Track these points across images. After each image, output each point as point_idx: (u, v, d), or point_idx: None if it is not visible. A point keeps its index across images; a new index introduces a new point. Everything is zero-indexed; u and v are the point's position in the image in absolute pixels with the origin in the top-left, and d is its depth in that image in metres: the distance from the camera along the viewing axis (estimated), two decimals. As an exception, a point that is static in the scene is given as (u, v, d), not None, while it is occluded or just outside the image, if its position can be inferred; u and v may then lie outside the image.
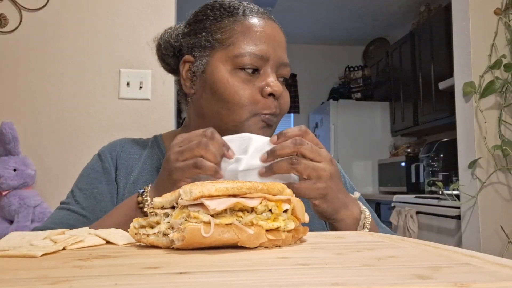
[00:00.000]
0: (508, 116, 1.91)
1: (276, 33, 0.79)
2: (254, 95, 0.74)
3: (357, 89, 4.39)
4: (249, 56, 0.74)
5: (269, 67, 0.76)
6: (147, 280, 0.28)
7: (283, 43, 0.80)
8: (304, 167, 0.61)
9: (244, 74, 0.75)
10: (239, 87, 0.74)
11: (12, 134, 1.49)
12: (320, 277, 0.28)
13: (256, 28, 0.76)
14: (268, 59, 0.75)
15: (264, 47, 0.75)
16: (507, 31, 1.93)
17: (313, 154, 0.62)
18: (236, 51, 0.75)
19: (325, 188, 0.62)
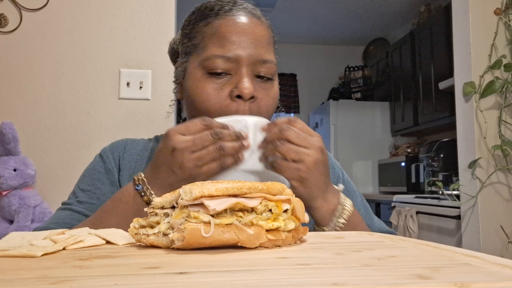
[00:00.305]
0: (508, 116, 1.91)
1: (249, 30, 0.74)
2: (223, 100, 0.72)
3: (357, 89, 4.40)
4: (217, 59, 0.72)
5: (241, 67, 0.72)
6: (147, 280, 0.28)
7: (259, 39, 0.75)
8: (287, 150, 0.62)
9: (216, 78, 0.72)
10: (209, 93, 0.72)
11: (12, 134, 1.49)
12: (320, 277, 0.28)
13: (225, 28, 0.73)
14: (238, 59, 0.72)
15: (233, 48, 0.72)
16: (507, 31, 1.93)
17: (299, 139, 0.63)
18: (205, 55, 0.73)
19: (306, 172, 0.63)
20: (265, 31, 0.77)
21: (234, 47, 0.72)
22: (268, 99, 0.75)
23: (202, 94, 0.72)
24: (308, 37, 4.67)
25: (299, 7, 3.97)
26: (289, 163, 0.63)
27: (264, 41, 0.76)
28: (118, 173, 0.82)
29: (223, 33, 0.73)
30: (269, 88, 0.76)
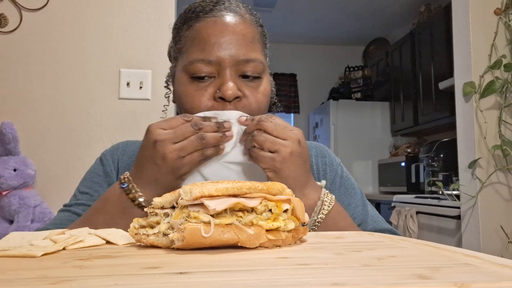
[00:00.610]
0: (508, 116, 1.91)
1: (230, 29, 0.73)
2: (207, 102, 0.71)
3: (357, 89, 4.40)
4: (198, 64, 0.72)
5: (224, 69, 0.71)
6: (147, 280, 0.28)
7: (241, 38, 0.73)
8: (263, 139, 0.63)
9: (199, 82, 0.72)
10: (194, 97, 0.72)
11: (12, 134, 1.49)
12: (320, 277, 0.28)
13: (205, 31, 0.73)
14: (219, 62, 0.71)
15: (213, 51, 0.71)
16: (507, 31, 1.93)
17: (276, 131, 0.64)
18: (187, 60, 0.73)
19: (281, 162, 0.63)
20: (249, 28, 0.75)
21: (214, 50, 0.71)
22: (257, 96, 0.74)
23: (187, 98, 0.73)
24: (308, 37, 4.67)
25: (299, 7, 3.97)
26: (265, 153, 0.63)
27: (247, 39, 0.74)
28: (117, 175, 0.82)
29: (203, 36, 0.72)
30: (256, 86, 0.74)
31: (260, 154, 0.64)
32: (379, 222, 0.83)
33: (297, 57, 4.82)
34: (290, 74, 4.78)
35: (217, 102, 0.71)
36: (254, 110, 0.73)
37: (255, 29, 0.76)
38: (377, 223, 0.82)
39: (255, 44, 0.75)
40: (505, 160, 1.86)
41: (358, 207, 0.82)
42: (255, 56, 0.74)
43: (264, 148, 0.63)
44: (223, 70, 0.71)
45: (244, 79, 0.73)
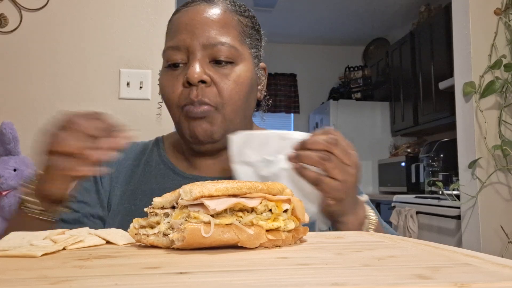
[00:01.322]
0: (508, 116, 1.91)
1: (199, 16, 0.73)
2: (178, 89, 0.72)
3: (357, 89, 4.40)
4: (168, 51, 0.73)
5: (191, 54, 0.71)
6: (147, 280, 0.28)
7: (210, 23, 0.72)
8: (334, 166, 0.59)
9: (173, 70, 0.73)
10: (167, 85, 0.73)
11: (12, 134, 1.49)
12: (320, 277, 0.28)
13: (175, 21, 0.75)
14: (186, 46, 0.71)
15: (181, 37, 0.72)
16: (507, 31, 1.93)
17: (345, 156, 0.60)
18: (163, 50, 0.75)
19: (346, 193, 0.61)
20: (222, 15, 0.74)
21: (182, 35, 0.72)
22: (229, 83, 0.72)
23: (163, 87, 0.75)
24: (308, 37, 4.67)
25: (299, 7, 3.97)
26: (332, 182, 0.60)
27: (218, 24, 0.73)
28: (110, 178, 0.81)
29: (174, 26, 0.75)
30: (228, 73, 0.72)
31: (327, 182, 0.60)
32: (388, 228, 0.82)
33: (297, 57, 4.82)
34: (290, 74, 4.78)
35: (185, 87, 0.71)
36: (225, 98, 0.71)
37: (231, 16, 0.75)
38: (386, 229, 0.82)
39: (227, 29, 0.73)
40: (505, 160, 1.86)
41: None
42: (224, 39, 0.72)
43: (331, 174, 0.59)
44: (191, 54, 0.71)
45: (216, 66, 0.72)
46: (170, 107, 0.75)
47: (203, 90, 0.70)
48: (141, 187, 0.79)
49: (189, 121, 0.72)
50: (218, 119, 0.72)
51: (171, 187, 0.76)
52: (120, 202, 0.79)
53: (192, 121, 0.72)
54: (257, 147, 0.64)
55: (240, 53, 0.74)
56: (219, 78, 0.71)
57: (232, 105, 0.72)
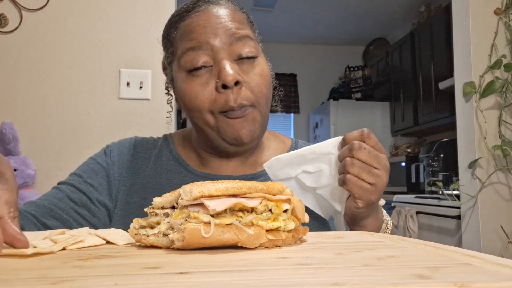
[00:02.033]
0: (508, 116, 1.91)
1: (214, 15, 0.72)
2: (210, 95, 0.69)
3: (357, 89, 4.40)
4: (190, 52, 0.70)
5: (217, 54, 0.69)
6: (147, 280, 0.28)
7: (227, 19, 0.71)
8: (361, 170, 0.60)
9: (198, 74, 0.70)
10: (196, 91, 0.70)
11: (12, 134, 1.49)
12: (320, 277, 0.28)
13: (190, 24, 0.72)
14: (210, 44, 0.69)
15: (202, 37, 0.70)
16: (507, 31, 1.93)
17: (371, 159, 0.60)
18: (179, 54, 0.72)
19: (376, 195, 0.62)
20: (235, 13, 0.74)
21: (202, 35, 0.70)
22: (256, 78, 0.71)
23: (190, 94, 0.71)
24: (308, 37, 4.67)
25: (299, 7, 3.97)
26: (363, 184, 0.60)
27: (235, 20, 0.72)
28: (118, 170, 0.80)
29: (190, 29, 0.72)
30: (253, 68, 0.72)
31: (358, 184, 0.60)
32: None
33: (297, 57, 4.82)
34: (290, 74, 4.78)
35: (219, 93, 0.69)
36: (257, 95, 0.71)
37: (240, 13, 0.75)
38: None
39: (243, 25, 0.73)
40: (505, 160, 1.86)
41: None
42: (245, 32, 0.72)
43: (360, 177, 0.60)
44: (216, 55, 0.69)
45: (239, 62, 0.71)
46: (202, 115, 0.71)
47: (238, 93, 0.69)
48: (151, 181, 0.79)
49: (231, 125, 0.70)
50: (258, 116, 0.71)
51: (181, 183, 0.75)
52: (129, 194, 0.78)
53: (235, 124, 0.70)
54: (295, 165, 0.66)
55: (258, 47, 0.74)
56: (247, 76, 0.71)
57: (264, 99, 0.72)
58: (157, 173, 0.80)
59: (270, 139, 0.87)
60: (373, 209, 0.64)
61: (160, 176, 0.79)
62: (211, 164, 0.80)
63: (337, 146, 0.65)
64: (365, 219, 0.65)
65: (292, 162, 0.66)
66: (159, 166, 0.81)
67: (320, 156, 0.65)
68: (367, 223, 0.65)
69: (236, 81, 0.68)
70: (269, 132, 0.88)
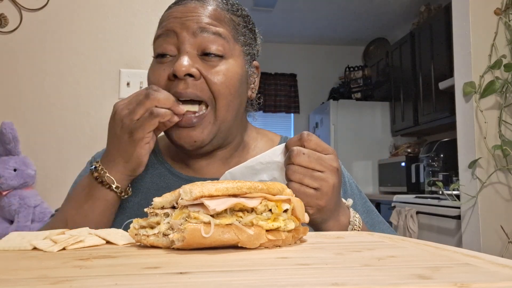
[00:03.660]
0: (508, 116, 1.91)
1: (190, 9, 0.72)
2: (164, 81, 0.70)
3: (357, 89, 4.40)
4: (157, 40, 0.72)
5: (181, 45, 0.70)
6: (147, 280, 0.28)
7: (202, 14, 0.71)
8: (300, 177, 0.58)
9: (161, 62, 0.72)
10: (154, 77, 0.72)
11: (12, 134, 1.49)
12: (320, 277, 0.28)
13: (167, 15, 0.74)
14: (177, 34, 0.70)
15: (170, 24, 0.71)
16: (507, 31, 1.93)
17: (312, 163, 0.58)
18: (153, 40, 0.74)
19: (324, 200, 0.59)
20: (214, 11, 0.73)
21: (172, 24, 0.71)
22: (217, 76, 0.70)
23: (150, 79, 0.73)
24: (308, 37, 4.67)
25: (299, 7, 3.97)
26: (306, 189, 0.58)
27: (210, 17, 0.72)
28: None
29: (164, 18, 0.74)
30: (218, 65, 0.70)
31: (301, 191, 0.58)
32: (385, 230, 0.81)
33: (297, 57, 4.82)
34: (290, 74, 4.78)
35: (171, 80, 0.69)
36: (215, 92, 0.70)
37: (223, 13, 0.74)
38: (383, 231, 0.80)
39: (219, 23, 0.72)
40: (505, 160, 1.86)
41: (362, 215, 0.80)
42: (218, 30, 0.71)
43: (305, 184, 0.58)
44: (181, 45, 0.70)
45: (205, 59, 0.70)
46: None
47: (192, 83, 0.68)
48: (137, 186, 0.79)
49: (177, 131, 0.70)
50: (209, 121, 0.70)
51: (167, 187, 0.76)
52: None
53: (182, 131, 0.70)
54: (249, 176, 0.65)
55: (231, 48, 0.73)
56: (208, 71, 0.69)
57: (223, 98, 0.70)
58: (142, 178, 0.79)
59: (257, 138, 0.85)
60: (329, 213, 0.61)
61: (145, 180, 0.80)
62: (194, 166, 0.80)
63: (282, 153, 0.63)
64: (324, 224, 0.62)
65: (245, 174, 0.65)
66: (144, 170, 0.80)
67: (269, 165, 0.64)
68: (327, 227, 0.63)
69: (188, 73, 0.68)
70: (256, 131, 0.87)
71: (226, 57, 0.71)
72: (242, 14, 0.78)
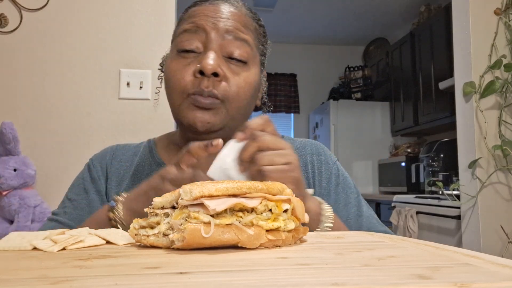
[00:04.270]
0: (508, 116, 1.91)
1: (220, 10, 0.72)
2: (188, 77, 0.70)
3: (357, 89, 4.40)
4: (184, 34, 0.71)
5: (208, 43, 0.70)
6: (147, 280, 0.28)
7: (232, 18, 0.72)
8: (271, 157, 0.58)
9: (185, 57, 0.71)
10: (176, 70, 0.71)
11: (12, 134, 1.49)
12: (320, 277, 0.28)
13: (196, 11, 0.73)
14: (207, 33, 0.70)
15: (200, 21, 0.71)
16: (507, 31, 1.93)
17: (276, 144, 0.59)
18: (176, 34, 0.74)
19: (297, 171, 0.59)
20: (243, 17, 0.74)
21: (202, 21, 0.71)
22: (239, 81, 0.71)
23: (171, 72, 0.72)
24: (308, 37, 4.67)
25: (299, 7, 3.97)
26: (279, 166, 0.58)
27: (240, 22, 0.73)
28: (106, 181, 0.81)
29: (194, 14, 0.73)
30: (240, 71, 0.71)
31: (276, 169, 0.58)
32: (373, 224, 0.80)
33: (297, 57, 4.82)
34: (290, 74, 4.78)
35: (196, 78, 0.69)
36: (233, 96, 0.70)
37: (250, 21, 0.76)
38: (372, 224, 0.80)
39: (248, 30, 0.73)
40: (505, 160, 1.86)
41: (353, 207, 0.81)
42: (245, 37, 0.72)
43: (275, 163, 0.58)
44: (208, 43, 0.70)
45: (228, 61, 0.71)
46: (174, 93, 0.72)
47: (214, 83, 0.69)
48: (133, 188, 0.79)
49: (192, 110, 0.69)
50: (222, 112, 0.70)
51: None
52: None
53: (196, 111, 0.69)
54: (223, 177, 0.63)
55: (253, 56, 0.74)
56: (231, 74, 0.70)
57: (237, 102, 0.71)
58: (139, 180, 0.79)
59: None
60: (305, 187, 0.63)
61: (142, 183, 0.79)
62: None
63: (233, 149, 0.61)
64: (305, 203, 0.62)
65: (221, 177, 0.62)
66: (141, 172, 0.81)
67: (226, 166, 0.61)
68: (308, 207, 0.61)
69: (214, 72, 0.68)
70: None
71: (248, 64, 0.73)
72: (262, 25, 0.80)
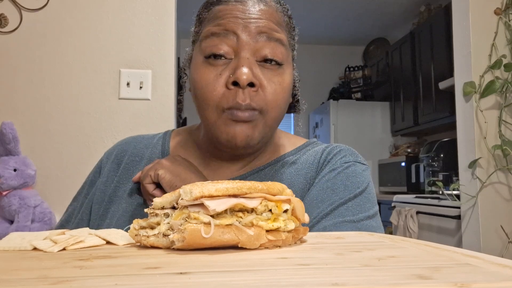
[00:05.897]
0: (508, 116, 1.91)
1: (250, 8, 0.65)
2: (220, 88, 0.63)
3: (357, 89, 4.40)
4: (213, 37, 0.64)
5: (241, 49, 0.64)
6: (147, 280, 0.28)
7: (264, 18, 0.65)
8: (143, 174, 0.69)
9: (214, 63, 0.64)
10: (207, 80, 0.64)
11: (12, 134, 1.49)
12: (320, 277, 0.28)
13: (222, 11, 0.66)
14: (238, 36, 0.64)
15: (230, 24, 0.64)
16: (507, 31, 1.93)
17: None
18: (202, 37, 0.67)
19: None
20: (275, 13, 0.68)
21: (230, 25, 0.64)
22: (274, 87, 0.65)
23: (201, 82, 0.65)
24: (308, 37, 4.67)
25: (299, 7, 3.97)
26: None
27: (272, 20, 0.66)
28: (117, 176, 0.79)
29: (221, 14, 0.66)
30: (275, 75, 0.66)
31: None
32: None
33: (297, 57, 4.81)
34: (290, 74, 4.77)
35: (229, 89, 0.63)
36: (271, 105, 0.65)
37: (281, 16, 0.69)
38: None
39: (281, 28, 0.67)
40: (505, 160, 1.86)
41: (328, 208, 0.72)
42: (280, 36, 0.66)
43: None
44: (240, 49, 0.64)
45: (263, 66, 0.65)
46: (207, 108, 0.65)
47: (250, 94, 0.63)
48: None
49: (230, 125, 0.64)
50: (261, 124, 0.66)
51: None
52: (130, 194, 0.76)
53: (235, 125, 0.64)
54: None
55: (288, 55, 0.69)
56: (266, 81, 0.65)
57: (275, 111, 0.66)
58: None
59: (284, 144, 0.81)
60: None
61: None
62: (210, 166, 0.75)
63: None
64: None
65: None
66: None
67: None
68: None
69: (250, 82, 0.63)
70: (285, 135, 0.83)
71: (283, 64, 0.67)
72: (291, 16, 0.74)
